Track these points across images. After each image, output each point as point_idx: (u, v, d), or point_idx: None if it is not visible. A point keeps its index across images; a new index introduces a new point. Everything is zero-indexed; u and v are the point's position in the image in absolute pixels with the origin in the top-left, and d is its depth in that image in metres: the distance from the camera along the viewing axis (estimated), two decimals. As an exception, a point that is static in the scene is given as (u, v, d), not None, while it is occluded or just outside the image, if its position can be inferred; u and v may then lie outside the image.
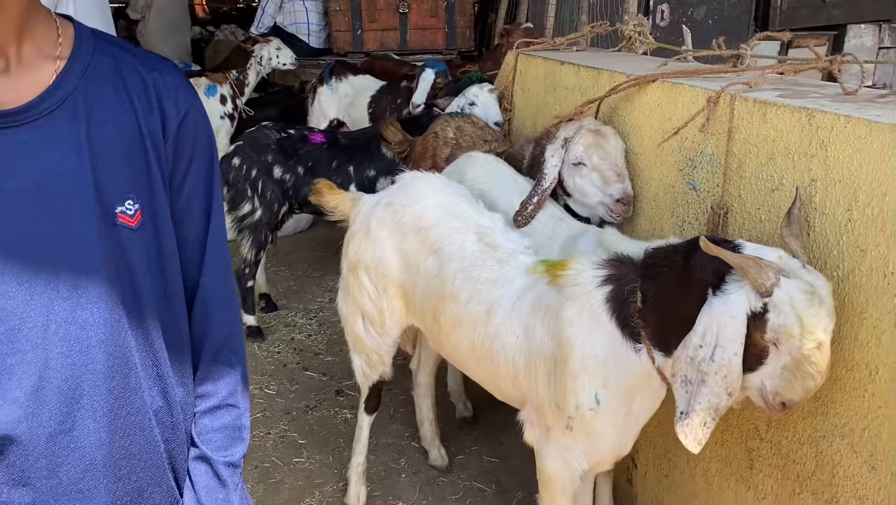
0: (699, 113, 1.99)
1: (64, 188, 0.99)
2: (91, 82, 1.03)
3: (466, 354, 2.11)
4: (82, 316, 1.01)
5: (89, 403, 1.03)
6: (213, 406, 1.16)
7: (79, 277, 1.00)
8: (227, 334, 1.18)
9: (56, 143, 0.99)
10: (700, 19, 6.07)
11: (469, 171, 2.65)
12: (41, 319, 0.99)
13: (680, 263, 1.61)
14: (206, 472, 1.15)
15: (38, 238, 0.98)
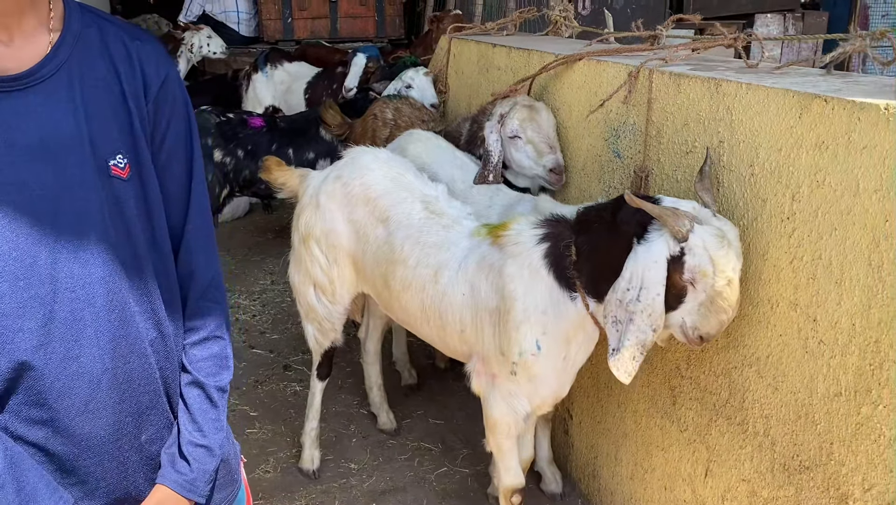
0: (622, 87, 2.19)
1: (64, 144, 1.11)
2: (81, 51, 1.14)
3: (416, 314, 2.26)
4: (83, 256, 1.13)
5: (93, 333, 1.15)
6: (202, 338, 1.29)
7: (80, 222, 1.12)
8: (211, 276, 1.31)
9: (55, 104, 1.11)
10: (619, 8, 6.38)
11: (410, 148, 2.80)
12: (49, 258, 1.10)
13: (608, 219, 1.80)
14: (199, 395, 1.27)
15: (44, 187, 1.09)
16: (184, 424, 1.27)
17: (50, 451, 1.15)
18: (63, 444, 1.16)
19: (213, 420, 1.28)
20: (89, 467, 1.19)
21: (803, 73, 1.92)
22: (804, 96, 1.62)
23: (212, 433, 1.27)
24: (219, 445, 1.29)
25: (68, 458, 1.17)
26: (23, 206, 1.08)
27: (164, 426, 1.28)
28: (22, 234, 1.08)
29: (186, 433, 1.26)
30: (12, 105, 1.08)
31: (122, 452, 1.22)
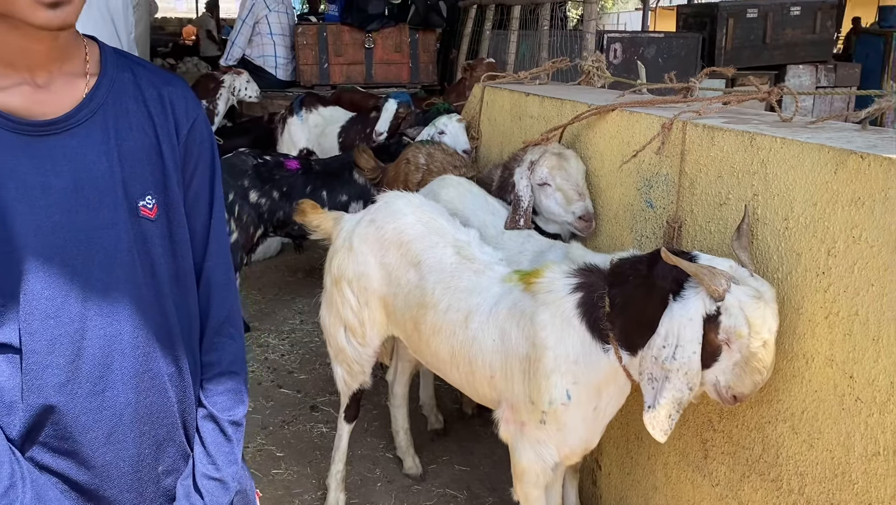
0: (655, 138, 2.21)
1: (97, 186, 1.16)
2: (116, 95, 1.19)
3: (445, 359, 2.27)
4: (112, 295, 1.17)
5: (119, 369, 1.19)
6: (218, 372, 1.34)
7: (110, 261, 1.17)
8: (228, 311, 1.35)
9: (90, 147, 1.15)
10: (650, 58, 6.44)
11: (443, 193, 2.83)
12: (80, 296, 1.15)
13: (643, 272, 1.80)
14: (213, 429, 1.32)
15: (77, 227, 1.14)
16: (199, 457, 1.31)
17: (73, 481, 1.20)
18: (86, 474, 1.20)
19: (226, 453, 1.32)
20: (110, 497, 1.23)
21: (838, 127, 1.93)
22: (840, 152, 1.62)
23: (225, 466, 1.32)
24: (232, 477, 1.33)
25: (90, 488, 1.21)
26: (56, 247, 1.13)
27: (179, 458, 1.32)
28: (54, 273, 1.13)
29: (201, 466, 1.31)
30: (49, 148, 1.12)
31: (140, 483, 1.26)
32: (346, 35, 6.32)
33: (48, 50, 1.11)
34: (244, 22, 6.30)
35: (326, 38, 6.25)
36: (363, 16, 6.23)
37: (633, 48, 6.39)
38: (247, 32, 6.29)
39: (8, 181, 1.09)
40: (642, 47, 6.42)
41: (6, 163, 1.09)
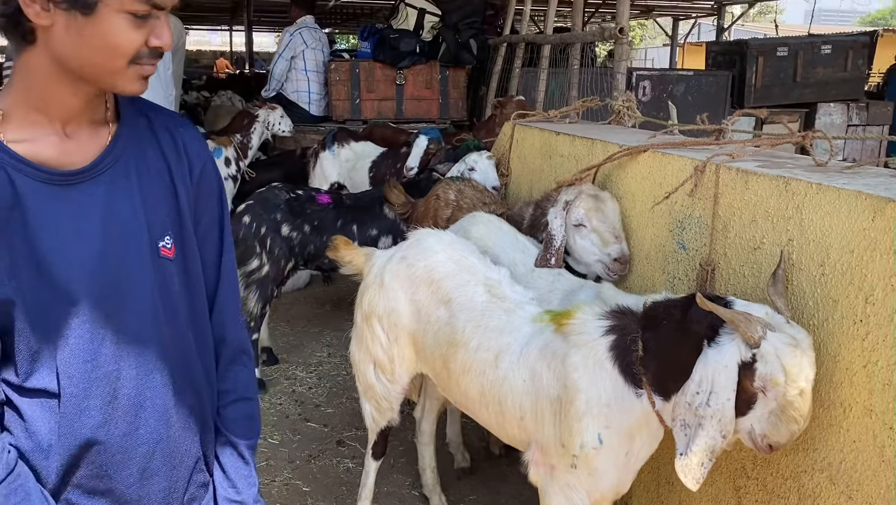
0: (688, 180, 2.22)
1: (125, 230, 1.21)
2: (135, 141, 1.25)
3: (475, 398, 2.26)
4: (143, 335, 1.23)
5: (151, 406, 1.25)
6: (233, 399, 1.41)
7: (139, 302, 1.23)
8: (240, 340, 1.42)
9: (116, 193, 1.21)
10: (679, 95, 6.45)
11: (473, 230, 2.85)
12: (114, 338, 1.20)
13: (678, 317, 1.79)
14: (232, 454, 1.39)
15: (108, 272, 1.19)
16: (219, 482, 1.38)
17: None
18: None
19: (246, 477, 1.40)
20: None
21: (874, 173, 1.92)
22: (877, 199, 1.61)
23: (245, 489, 1.40)
24: (253, 499, 1.40)
25: None
26: (91, 292, 1.17)
27: (201, 485, 1.38)
28: (90, 317, 1.17)
29: (223, 491, 1.38)
30: (79, 196, 1.17)
31: None
32: (378, 71, 6.42)
33: (85, 104, 1.18)
34: (281, 56, 6.45)
35: (359, 74, 6.36)
36: (395, 53, 6.34)
37: (662, 85, 6.41)
38: (284, 67, 6.45)
39: (44, 231, 1.13)
40: (671, 85, 6.43)
41: (41, 213, 1.13)
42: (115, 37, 1.09)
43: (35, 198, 1.13)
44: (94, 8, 1.06)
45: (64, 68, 1.11)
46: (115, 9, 1.07)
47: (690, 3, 17.66)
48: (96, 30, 1.08)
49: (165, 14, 1.14)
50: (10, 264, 1.11)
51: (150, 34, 1.12)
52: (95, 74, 1.12)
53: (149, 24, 1.11)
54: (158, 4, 1.11)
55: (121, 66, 1.11)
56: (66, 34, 1.08)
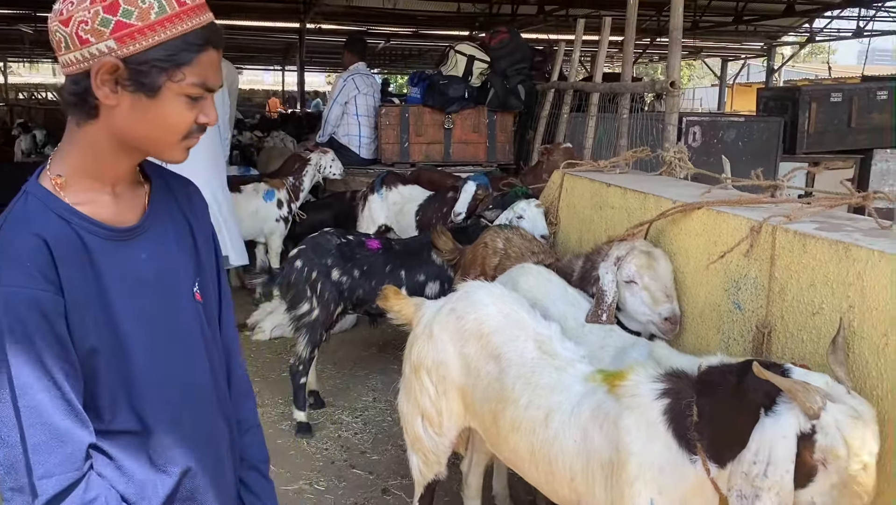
0: (744, 240, 2.19)
1: (172, 278, 1.35)
2: (164, 199, 1.39)
3: (524, 456, 2.24)
4: (195, 371, 1.38)
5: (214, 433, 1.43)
6: (248, 427, 1.58)
7: (187, 341, 1.37)
8: (244, 370, 1.58)
9: (161, 245, 1.34)
10: (730, 141, 6.39)
11: (522, 281, 2.85)
12: (174, 374, 1.34)
13: (734, 383, 1.76)
14: (257, 477, 1.57)
15: (164, 316, 1.33)
16: (250, 501, 1.54)
17: None
18: None
19: (270, 494, 1.59)
20: None
21: (940, 238, 1.87)
22: (945, 270, 1.57)
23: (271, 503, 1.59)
24: None
25: None
26: (155, 335, 1.30)
27: None
28: (154, 357, 1.30)
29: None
30: (135, 251, 1.29)
31: None
32: (427, 116, 6.52)
33: (132, 168, 1.32)
34: (335, 102, 6.61)
35: (408, 118, 6.46)
36: (444, 98, 6.43)
37: (712, 131, 6.35)
38: (338, 112, 6.60)
39: (112, 284, 1.24)
40: (722, 130, 6.37)
41: (108, 268, 1.24)
42: (173, 116, 1.22)
43: (102, 255, 1.23)
44: (158, 91, 1.19)
45: (122, 141, 1.24)
46: (175, 92, 1.20)
47: (740, 44, 17.61)
48: (158, 110, 1.20)
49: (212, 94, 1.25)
50: (93, 316, 1.21)
51: (200, 112, 1.24)
52: (150, 147, 1.26)
53: (200, 104, 1.23)
54: (211, 88, 1.23)
55: (174, 140, 1.24)
56: (129, 112, 1.20)
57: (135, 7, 1.14)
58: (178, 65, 1.18)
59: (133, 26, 1.15)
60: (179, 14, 1.17)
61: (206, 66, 1.21)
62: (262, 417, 4.04)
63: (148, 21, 1.15)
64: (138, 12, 1.14)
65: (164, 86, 1.18)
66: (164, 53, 1.17)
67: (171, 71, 1.18)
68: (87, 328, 1.20)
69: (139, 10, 1.14)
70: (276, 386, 4.51)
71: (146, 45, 1.16)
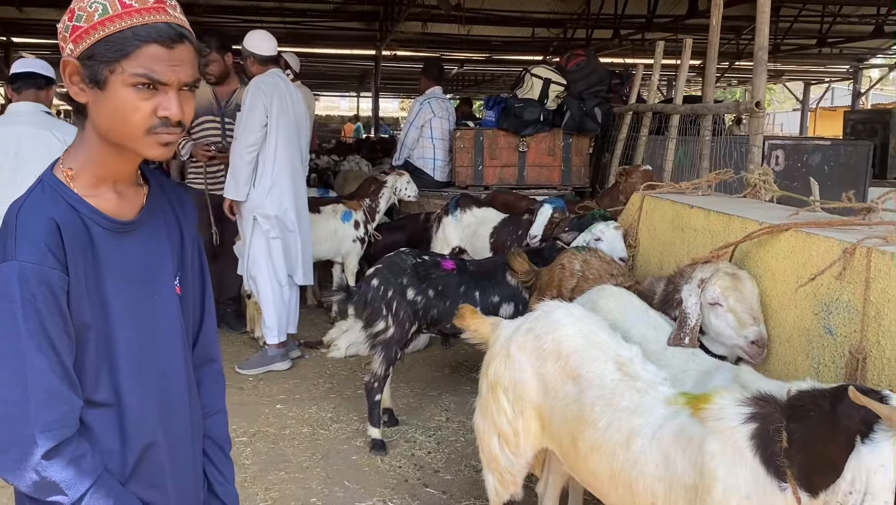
0: (836, 262, 2.12)
1: (158, 271, 1.48)
2: (159, 199, 1.51)
3: (604, 479, 2.20)
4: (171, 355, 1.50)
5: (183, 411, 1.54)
6: (215, 411, 1.70)
7: (170, 327, 1.50)
8: (219, 361, 1.72)
9: (152, 240, 1.47)
10: (815, 165, 6.18)
11: (602, 303, 2.82)
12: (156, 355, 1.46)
13: (827, 409, 1.69)
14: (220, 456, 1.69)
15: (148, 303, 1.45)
16: (214, 476, 1.67)
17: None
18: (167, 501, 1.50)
19: (230, 472, 1.71)
20: None
21: None
22: None
23: (231, 482, 1.71)
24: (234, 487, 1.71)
25: None
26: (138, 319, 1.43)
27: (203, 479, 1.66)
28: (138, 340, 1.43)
29: (218, 484, 1.67)
30: (130, 243, 1.42)
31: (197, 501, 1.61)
32: (502, 139, 6.55)
33: (133, 168, 1.44)
34: (412, 125, 6.73)
35: (483, 141, 6.51)
36: (519, 121, 6.45)
37: (796, 155, 6.16)
38: (414, 135, 6.72)
39: (107, 270, 1.38)
40: (807, 154, 6.18)
41: (105, 255, 1.37)
42: (124, 107, 1.30)
43: (102, 243, 1.37)
44: (105, 83, 1.30)
45: (104, 137, 1.36)
46: (119, 84, 1.29)
47: (824, 67, 17.09)
48: (109, 101, 1.31)
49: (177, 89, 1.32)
50: (89, 296, 1.34)
51: (158, 106, 1.31)
52: (120, 140, 1.34)
53: (155, 97, 1.31)
54: (157, 80, 1.30)
55: (138, 133, 1.32)
56: (94, 107, 1.33)
57: (84, 11, 1.29)
58: (117, 58, 1.28)
59: (81, 27, 1.29)
60: (121, 14, 1.28)
61: (150, 59, 1.29)
62: (337, 432, 4.15)
63: (92, 21, 1.28)
64: (86, 15, 1.29)
65: (108, 78, 1.29)
66: (104, 48, 1.28)
67: (111, 63, 1.28)
68: (83, 306, 1.33)
69: (87, 14, 1.28)
70: (351, 403, 4.57)
71: (91, 41, 1.28)
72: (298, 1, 11.43)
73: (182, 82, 1.33)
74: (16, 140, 3.63)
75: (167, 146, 1.36)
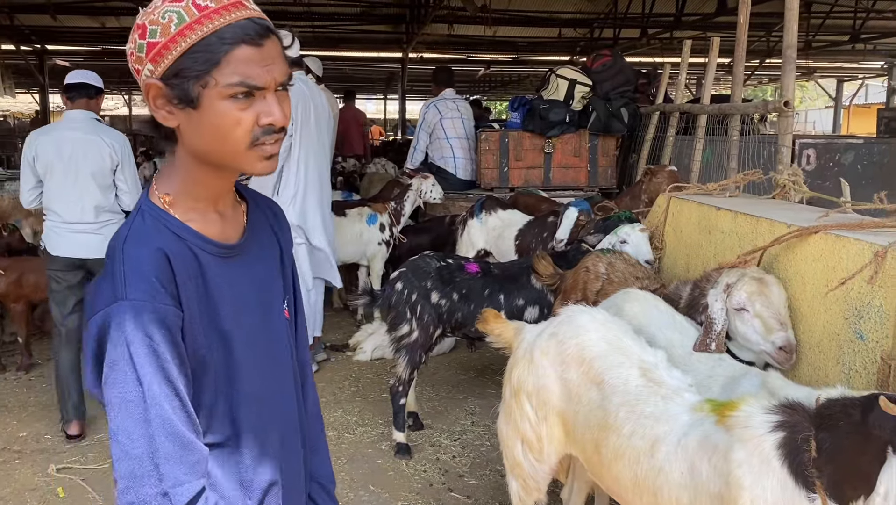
0: (867, 266, 2.06)
1: (267, 295, 1.38)
2: (257, 218, 1.41)
3: (627, 486, 2.17)
4: (285, 385, 1.41)
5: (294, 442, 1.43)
6: (318, 448, 1.58)
7: (284, 356, 1.41)
8: (315, 391, 1.58)
9: (258, 262, 1.36)
10: (847, 165, 6.05)
11: (627, 307, 2.78)
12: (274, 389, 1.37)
13: (857, 418, 1.65)
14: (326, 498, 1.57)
15: (263, 332, 1.35)
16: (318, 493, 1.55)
17: None
18: None
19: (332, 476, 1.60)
20: None
21: None
22: None
23: None
24: None
25: None
26: (254, 351, 1.32)
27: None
28: (255, 373, 1.33)
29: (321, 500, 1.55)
30: (238, 267, 1.32)
31: None
32: (527, 141, 6.52)
33: (230, 185, 1.33)
34: (421, 129, 6.85)
35: (508, 143, 6.48)
36: (544, 123, 6.41)
37: (828, 154, 6.03)
38: (424, 139, 6.85)
39: (220, 299, 1.26)
40: (839, 153, 6.04)
41: (216, 283, 1.26)
42: (224, 123, 1.17)
43: (212, 270, 1.26)
44: (198, 101, 1.16)
45: (202, 159, 1.24)
46: (215, 98, 1.16)
47: (857, 63, 16.77)
48: (206, 120, 1.17)
49: (274, 92, 1.19)
50: (204, 329, 1.23)
51: (260, 113, 1.18)
52: (222, 159, 1.22)
53: (254, 105, 1.17)
54: (254, 86, 1.16)
55: (240, 149, 1.19)
56: (189, 129, 1.20)
57: (157, 25, 1.15)
58: (207, 69, 1.14)
59: (159, 43, 1.15)
60: (200, 20, 1.14)
61: (243, 64, 1.15)
62: (362, 436, 4.15)
63: (170, 34, 1.14)
64: (161, 28, 1.14)
65: (201, 94, 1.16)
66: (189, 62, 1.14)
67: (202, 76, 1.14)
68: (198, 342, 1.22)
69: (161, 27, 1.14)
70: (376, 406, 4.57)
71: (173, 57, 1.14)
72: (326, 5, 11.49)
73: (278, 82, 1.19)
74: (70, 144, 4.02)
75: (271, 159, 1.23)
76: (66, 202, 3.97)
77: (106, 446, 4.04)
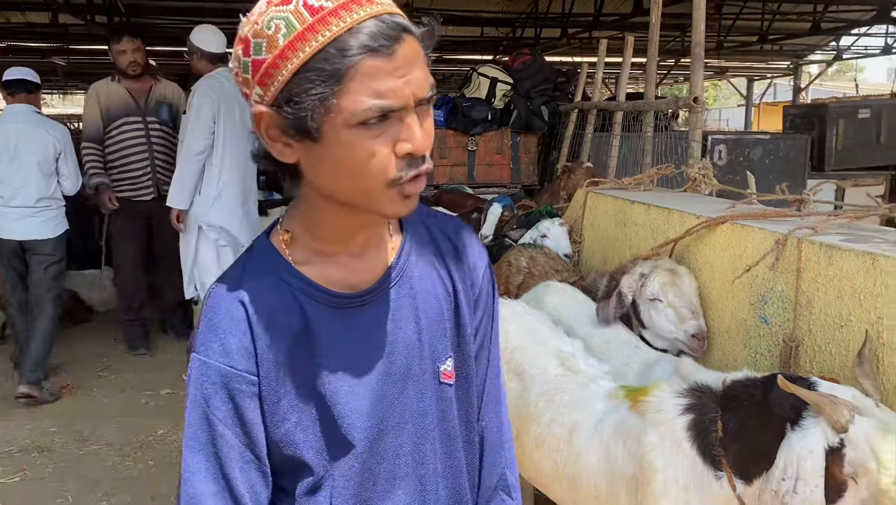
0: (769, 253, 2.16)
1: (407, 354, 1.09)
2: (418, 254, 1.12)
3: (549, 473, 2.21)
4: (422, 471, 1.12)
5: None
6: None
7: (419, 434, 1.11)
8: (499, 474, 1.24)
9: (396, 313, 1.08)
10: (756, 159, 6.33)
11: (547, 299, 2.83)
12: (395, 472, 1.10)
13: (758, 398, 1.73)
14: None
15: (390, 400, 1.08)
16: None
17: None
18: None
19: None
20: None
21: (971, 248, 1.83)
22: (975, 279, 1.54)
23: None
24: None
25: None
26: (375, 424, 1.08)
27: None
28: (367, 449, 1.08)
29: None
30: (365, 318, 1.07)
31: None
32: (451, 139, 6.56)
33: (366, 226, 1.07)
34: None
35: (432, 141, 6.51)
36: (467, 121, 6.47)
37: (738, 149, 6.31)
38: None
39: (331, 359, 1.04)
40: (748, 148, 6.33)
41: (328, 339, 1.04)
42: (353, 157, 0.93)
43: (323, 323, 1.04)
44: (319, 133, 0.92)
45: (329, 198, 1.00)
46: (341, 127, 0.91)
47: (766, 63, 17.52)
48: (331, 155, 0.94)
49: (412, 111, 0.94)
50: (296, 397, 1.03)
51: (397, 141, 0.93)
52: (353, 199, 0.98)
53: (389, 131, 0.92)
54: (389, 108, 0.91)
55: (377, 186, 0.95)
56: (311, 164, 0.97)
57: (262, 37, 0.90)
58: (326, 93, 0.89)
59: (265, 61, 0.90)
60: (313, 25, 0.88)
61: (371, 79, 0.89)
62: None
63: (277, 48, 0.89)
64: (266, 42, 0.90)
65: (322, 123, 0.91)
66: (304, 83, 0.89)
67: (322, 101, 0.90)
68: (283, 410, 1.03)
69: (266, 39, 0.90)
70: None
71: (283, 79, 0.90)
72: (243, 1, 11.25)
73: (417, 97, 0.93)
74: (15, 135, 4.50)
75: (410, 199, 0.97)
76: (9, 187, 4.45)
77: (15, 459, 3.87)
